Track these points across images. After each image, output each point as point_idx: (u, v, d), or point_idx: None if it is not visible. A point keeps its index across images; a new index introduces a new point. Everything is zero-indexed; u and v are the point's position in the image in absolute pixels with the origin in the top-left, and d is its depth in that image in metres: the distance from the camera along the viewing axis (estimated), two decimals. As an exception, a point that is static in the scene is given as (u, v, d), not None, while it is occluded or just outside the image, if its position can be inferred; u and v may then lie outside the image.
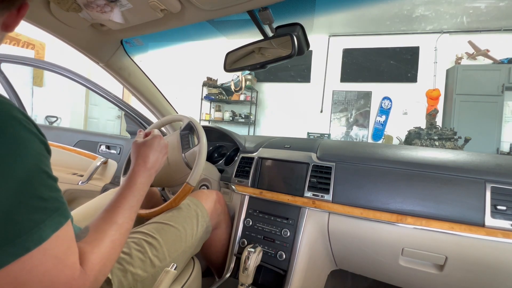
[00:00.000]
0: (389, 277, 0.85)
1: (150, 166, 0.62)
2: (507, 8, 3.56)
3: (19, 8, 0.39)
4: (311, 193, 0.85)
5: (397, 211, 0.73)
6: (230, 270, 0.90)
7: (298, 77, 4.96)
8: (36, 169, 0.33)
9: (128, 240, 0.63)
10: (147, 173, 0.61)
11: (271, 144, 1.05)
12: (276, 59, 0.70)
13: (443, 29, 4.21)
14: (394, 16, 4.01)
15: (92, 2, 0.66)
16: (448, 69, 4.30)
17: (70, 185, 1.33)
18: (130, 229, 0.51)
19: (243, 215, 0.95)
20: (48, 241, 0.32)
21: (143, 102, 1.17)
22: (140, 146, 0.66)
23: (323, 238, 0.85)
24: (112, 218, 0.48)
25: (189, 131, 0.91)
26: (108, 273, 0.45)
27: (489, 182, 0.67)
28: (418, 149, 0.89)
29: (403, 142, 3.89)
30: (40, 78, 4.16)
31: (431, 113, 3.98)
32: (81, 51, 0.90)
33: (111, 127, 5.61)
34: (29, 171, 0.32)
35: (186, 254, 0.73)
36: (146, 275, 0.59)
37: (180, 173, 0.88)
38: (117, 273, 0.56)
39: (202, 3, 0.64)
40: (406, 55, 4.40)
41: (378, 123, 4.56)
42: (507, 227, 0.63)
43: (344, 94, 4.75)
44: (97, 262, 0.41)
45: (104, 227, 0.46)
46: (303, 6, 3.32)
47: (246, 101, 4.91)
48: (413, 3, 3.66)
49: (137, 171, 0.60)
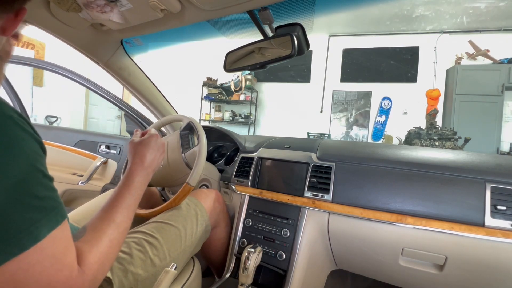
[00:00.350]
0: (389, 277, 0.85)
1: (147, 165, 0.62)
2: (507, 8, 3.56)
3: (17, 12, 0.38)
4: (311, 193, 0.85)
5: (397, 211, 0.73)
6: (230, 270, 0.90)
7: (298, 77, 4.96)
8: (31, 168, 0.32)
9: (128, 240, 0.63)
10: (145, 172, 0.61)
11: (271, 144, 1.05)
12: (276, 59, 0.70)
13: (443, 29, 4.21)
14: (394, 16, 4.01)
15: (92, 2, 0.66)
16: (448, 69, 4.30)
17: (70, 185, 1.33)
18: (128, 228, 0.51)
19: (243, 215, 0.95)
20: (44, 240, 0.32)
21: (143, 102, 1.17)
22: (137, 145, 0.65)
23: (323, 238, 0.85)
24: (110, 217, 0.48)
25: (189, 131, 0.91)
26: (107, 272, 0.45)
27: (489, 182, 0.67)
28: (418, 149, 0.89)
29: (403, 142, 3.89)
30: (40, 78, 4.16)
31: (431, 113, 3.98)
32: (81, 51, 0.90)
33: (111, 127, 5.61)
34: (24, 170, 0.31)
35: (186, 253, 0.73)
36: (147, 274, 0.59)
37: (180, 173, 0.88)
38: (117, 273, 0.56)
39: (202, 3, 0.64)
40: (406, 55, 4.40)
41: (378, 123, 4.56)
42: (507, 227, 0.63)
43: (344, 94, 4.74)
44: (95, 261, 0.40)
45: (102, 226, 0.46)
46: (303, 6, 3.31)
47: (246, 101, 4.91)
48: (413, 3, 3.66)
49: (134, 170, 0.59)
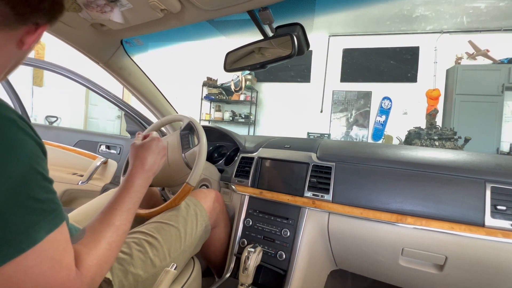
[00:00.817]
0: (389, 277, 0.85)
1: (148, 168, 0.62)
2: (507, 8, 3.56)
3: (37, 24, 0.37)
4: (311, 193, 0.85)
5: (397, 211, 0.73)
6: (230, 270, 0.90)
7: (298, 77, 4.96)
8: (31, 170, 0.32)
9: (128, 240, 0.63)
10: (145, 175, 0.60)
11: (271, 144, 1.05)
12: (276, 59, 0.70)
13: (443, 29, 4.21)
14: (394, 16, 4.01)
15: (92, 2, 0.66)
16: (448, 69, 4.30)
17: (70, 185, 1.33)
18: (128, 231, 0.51)
19: (243, 215, 0.95)
20: (42, 242, 0.32)
21: (143, 102, 1.17)
22: (138, 148, 0.65)
23: (323, 238, 0.85)
24: (109, 220, 0.48)
25: (189, 131, 0.91)
26: (105, 274, 0.45)
27: (489, 182, 0.67)
28: (418, 149, 0.89)
29: (403, 142, 3.89)
30: (40, 78, 4.15)
31: (431, 113, 3.98)
32: (81, 51, 0.90)
33: (111, 127, 5.61)
34: (24, 173, 0.32)
35: (186, 253, 0.73)
36: (147, 275, 0.59)
37: (180, 173, 0.88)
38: (118, 274, 0.56)
39: (202, 3, 0.64)
40: (406, 55, 4.40)
41: (378, 123, 4.56)
42: (507, 227, 0.63)
43: (344, 94, 4.74)
44: (94, 263, 0.40)
45: (100, 229, 0.46)
46: (303, 6, 3.31)
47: (246, 101, 4.91)
48: (413, 3, 3.66)
49: (134, 173, 0.59)
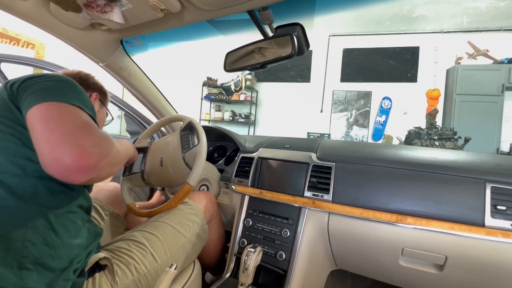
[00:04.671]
0: (389, 277, 0.85)
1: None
2: (507, 8, 3.55)
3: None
4: (311, 193, 0.85)
5: (397, 211, 0.73)
6: (230, 270, 0.90)
7: (298, 77, 4.96)
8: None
9: (128, 237, 0.66)
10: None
11: (271, 144, 1.05)
12: (276, 59, 0.70)
13: (443, 29, 4.21)
14: (394, 16, 4.01)
15: (92, 2, 0.66)
16: (448, 69, 4.29)
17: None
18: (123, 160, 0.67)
19: (243, 215, 0.95)
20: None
21: (143, 102, 1.17)
22: None
23: (323, 238, 0.85)
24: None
25: (189, 131, 0.91)
26: (109, 171, 0.49)
27: (489, 182, 0.67)
28: (418, 149, 0.89)
29: (403, 142, 3.89)
30: (40, 78, 4.15)
31: (431, 113, 3.97)
32: (81, 51, 0.90)
33: (111, 127, 5.60)
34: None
35: (185, 250, 0.75)
36: (147, 270, 0.62)
37: (180, 173, 0.88)
38: (120, 266, 0.59)
39: (202, 3, 0.64)
40: (406, 55, 4.40)
41: (378, 123, 4.56)
42: (507, 227, 0.63)
43: (344, 94, 4.74)
44: (97, 150, 0.46)
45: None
46: (303, 6, 3.31)
47: (246, 101, 4.90)
48: (413, 3, 3.66)
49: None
